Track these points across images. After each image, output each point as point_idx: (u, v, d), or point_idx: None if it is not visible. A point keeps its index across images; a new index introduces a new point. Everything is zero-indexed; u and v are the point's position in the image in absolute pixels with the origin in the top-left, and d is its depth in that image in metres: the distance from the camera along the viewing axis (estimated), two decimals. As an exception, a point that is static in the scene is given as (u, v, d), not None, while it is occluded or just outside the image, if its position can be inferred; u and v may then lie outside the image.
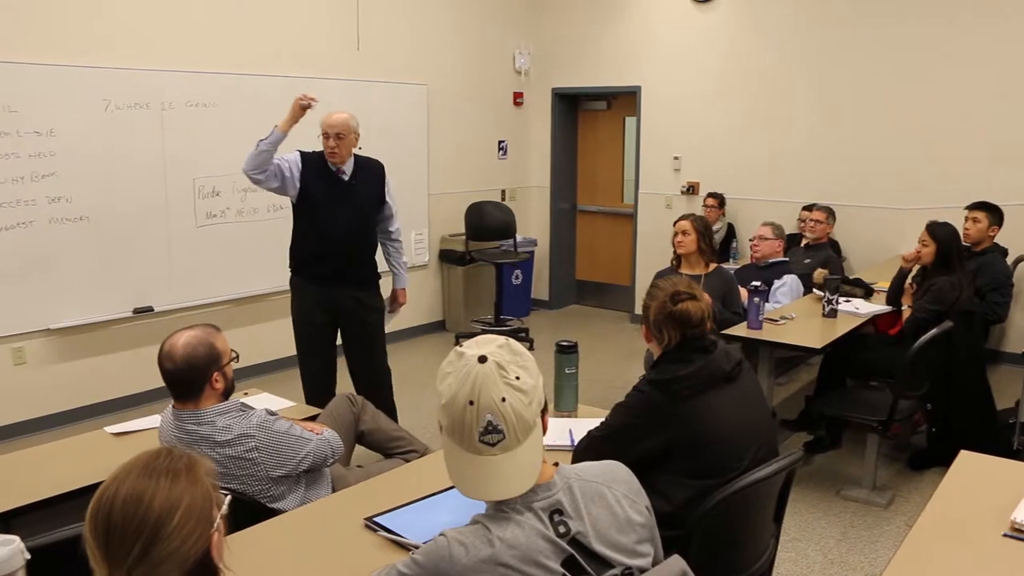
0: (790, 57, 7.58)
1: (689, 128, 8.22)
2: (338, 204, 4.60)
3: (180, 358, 2.65)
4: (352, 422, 3.51)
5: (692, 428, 2.39)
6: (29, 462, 3.11)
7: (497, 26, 8.56)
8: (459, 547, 1.61)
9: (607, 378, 6.50)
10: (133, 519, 1.33)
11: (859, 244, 7.38)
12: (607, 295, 9.36)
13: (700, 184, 8.20)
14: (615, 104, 9.04)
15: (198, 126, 6.06)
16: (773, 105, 7.72)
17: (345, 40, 7.08)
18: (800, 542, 4.10)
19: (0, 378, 5.37)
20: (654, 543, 1.83)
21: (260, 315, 6.65)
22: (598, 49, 8.67)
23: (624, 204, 9.07)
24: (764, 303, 4.82)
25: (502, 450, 1.64)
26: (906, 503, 4.50)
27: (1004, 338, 6.83)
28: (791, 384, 6.51)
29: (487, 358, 1.66)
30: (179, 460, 1.43)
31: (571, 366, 3.17)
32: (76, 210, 5.53)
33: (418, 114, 7.73)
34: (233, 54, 6.27)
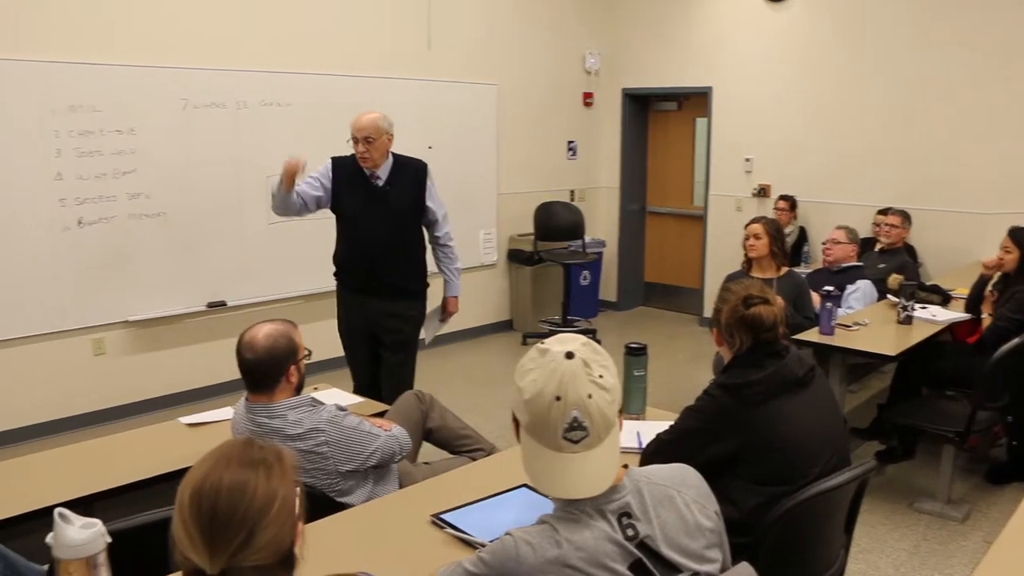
0: (865, 57, 7.43)
1: (761, 129, 8.11)
2: (370, 212, 4.41)
3: (262, 348, 2.70)
4: (420, 419, 3.53)
5: (762, 434, 2.35)
6: (108, 450, 3.19)
7: (568, 26, 8.55)
8: (526, 547, 1.61)
9: (675, 381, 6.44)
10: (238, 508, 1.36)
11: (936, 249, 7.20)
12: (675, 297, 9.28)
13: (772, 186, 8.09)
14: (686, 105, 8.96)
15: (271, 125, 6.17)
16: (847, 106, 7.57)
17: (416, 40, 7.14)
18: (871, 554, 4.02)
19: (81, 368, 5.53)
20: (722, 549, 1.80)
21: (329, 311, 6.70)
22: (669, 49, 8.60)
23: (694, 206, 8.98)
24: (836, 308, 4.74)
25: (584, 448, 1.63)
26: (984, 519, 4.37)
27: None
28: (863, 392, 6.38)
29: (574, 355, 1.66)
30: (269, 452, 1.47)
31: (640, 368, 3.15)
32: (154, 206, 5.68)
33: (488, 114, 7.76)
34: (306, 54, 6.37)
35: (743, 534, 2.21)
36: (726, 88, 8.27)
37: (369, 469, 2.85)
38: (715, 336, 2.66)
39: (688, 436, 2.47)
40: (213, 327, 6.08)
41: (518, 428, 1.73)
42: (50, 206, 5.26)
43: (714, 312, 2.66)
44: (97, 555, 1.71)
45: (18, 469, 3.01)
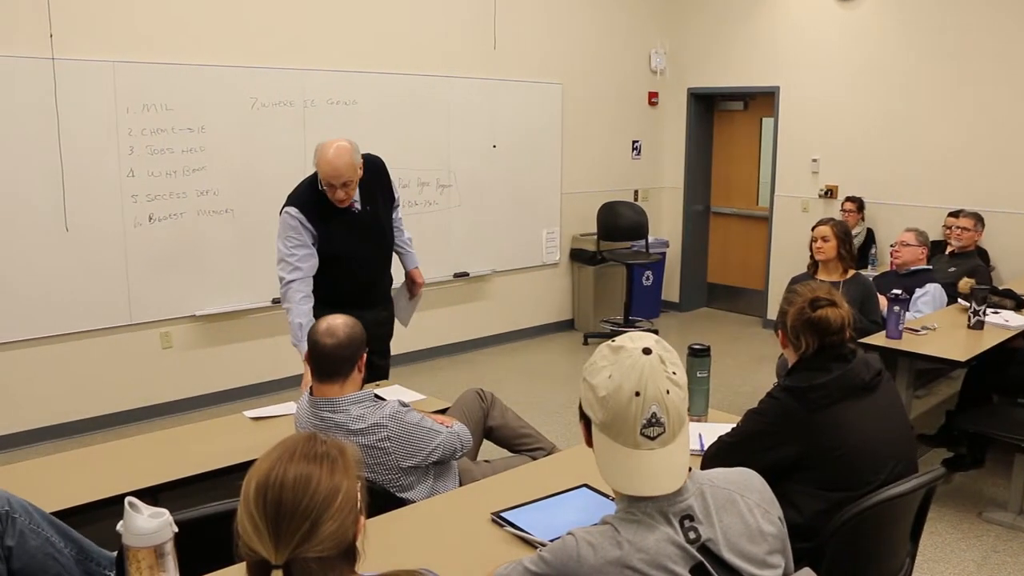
0: (935, 56, 7.26)
1: (828, 129, 7.98)
2: (359, 242, 3.99)
3: (344, 334, 2.78)
4: (481, 417, 3.55)
5: (827, 438, 2.32)
6: (174, 441, 3.26)
7: (633, 25, 8.51)
8: (587, 547, 1.61)
9: (737, 383, 6.38)
10: (303, 500, 1.38)
11: (1010, 253, 7.02)
12: (738, 299, 9.18)
13: (839, 187, 7.96)
14: (752, 105, 8.86)
15: (338, 123, 6.23)
16: (917, 106, 7.41)
17: (482, 39, 7.17)
18: (937, 563, 3.93)
19: (149, 360, 5.66)
20: (785, 555, 1.78)
21: (392, 308, 6.79)
22: (735, 48, 8.52)
23: (759, 207, 8.88)
24: (904, 312, 4.65)
25: (660, 444, 1.63)
26: (1056, 530, 4.26)
27: None
28: (930, 397, 6.24)
29: (651, 350, 1.66)
30: (332, 447, 1.49)
31: (703, 370, 3.13)
32: (222, 203, 5.79)
33: (552, 113, 7.76)
34: (372, 53, 6.44)
35: (806, 539, 2.19)
36: (793, 88, 8.16)
37: (430, 465, 2.88)
38: (781, 338, 2.62)
39: (751, 439, 2.44)
40: (277, 322, 6.16)
41: (588, 427, 1.73)
42: (122, 202, 5.40)
43: (779, 314, 2.63)
44: (164, 544, 1.75)
45: (90, 458, 3.09)
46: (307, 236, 3.85)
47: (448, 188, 6.96)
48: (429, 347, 7.08)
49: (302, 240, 3.84)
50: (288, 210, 3.87)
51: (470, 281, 7.36)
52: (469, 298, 7.43)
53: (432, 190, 6.88)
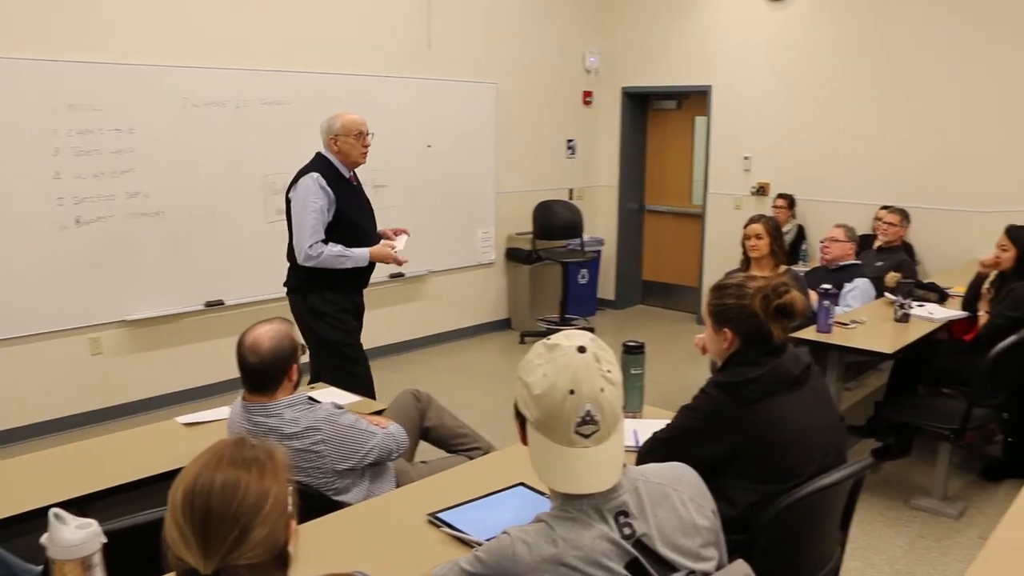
0: (863, 56, 7.43)
1: (760, 128, 8.11)
2: (365, 211, 4.56)
3: (266, 351, 2.70)
4: (417, 417, 3.54)
5: (759, 432, 2.35)
6: (104, 449, 3.19)
7: (567, 25, 8.55)
8: (523, 546, 1.62)
9: (672, 380, 6.45)
10: (231, 506, 1.36)
11: (934, 247, 7.21)
12: (673, 296, 9.29)
13: (770, 184, 8.10)
14: (685, 104, 8.97)
15: (270, 124, 6.17)
16: (846, 105, 7.58)
17: (416, 39, 7.14)
18: (867, 550, 4.03)
19: (78, 367, 5.53)
20: (719, 547, 1.81)
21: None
22: (668, 48, 8.61)
23: (692, 204, 8.99)
24: (834, 306, 4.75)
25: (595, 442, 1.64)
26: (979, 515, 4.38)
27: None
28: (860, 389, 6.39)
29: (586, 349, 1.67)
30: (261, 451, 1.48)
31: (637, 367, 3.16)
32: (153, 205, 5.68)
33: (487, 113, 7.77)
34: (306, 53, 6.38)
35: (739, 532, 2.22)
36: (725, 87, 8.28)
37: (366, 468, 2.86)
38: (728, 336, 2.50)
39: (685, 435, 2.46)
40: (211, 326, 6.09)
41: (523, 425, 1.73)
42: (48, 205, 5.26)
43: (722, 310, 2.52)
44: (92, 556, 1.71)
45: (14, 469, 3.01)
46: (326, 200, 4.29)
47: (383, 189, 6.91)
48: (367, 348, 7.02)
49: (322, 203, 4.28)
50: (311, 175, 4.31)
51: (406, 282, 7.33)
52: (405, 299, 7.40)
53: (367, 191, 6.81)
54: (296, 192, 4.37)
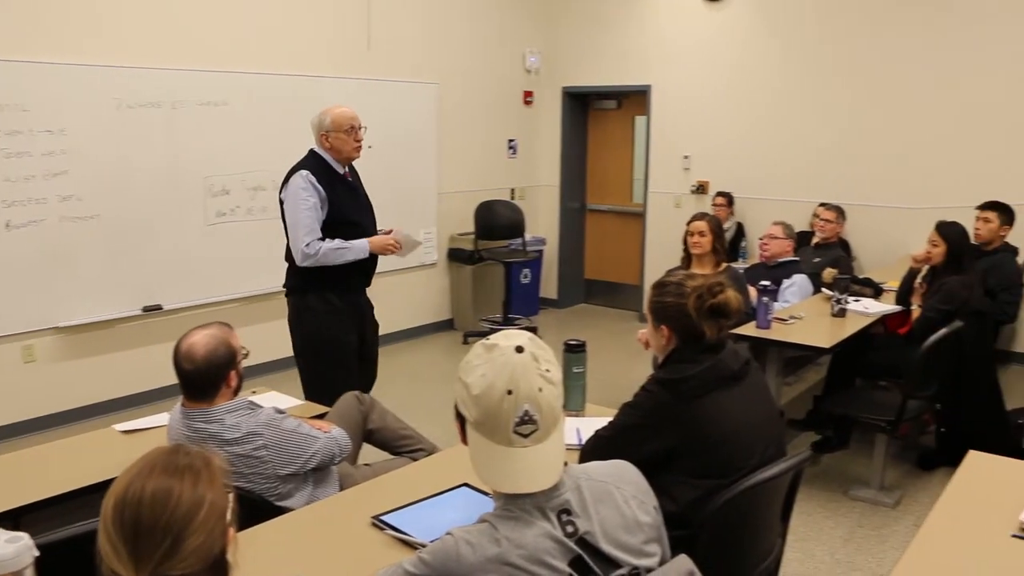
0: (801, 56, 7.57)
1: (699, 127, 8.21)
2: (360, 208, 4.40)
3: (201, 358, 2.65)
4: (360, 420, 3.51)
5: (700, 428, 2.38)
6: (38, 460, 3.12)
7: (508, 25, 8.56)
8: (466, 546, 1.62)
9: (614, 377, 6.48)
10: (162, 516, 1.34)
11: (869, 244, 7.37)
12: (616, 294, 9.36)
13: (710, 183, 8.19)
14: (625, 103, 9.04)
15: (208, 125, 6.08)
16: (784, 104, 7.70)
17: (356, 39, 7.10)
18: (807, 542, 4.10)
19: (10, 376, 5.39)
20: (661, 543, 1.83)
21: (268, 313, 6.65)
22: (608, 48, 8.67)
23: (633, 203, 9.06)
24: (773, 302, 4.82)
25: (534, 442, 1.65)
26: (914, 503, 4.49)
27: (1014, 338, 6.81)
28: (799, 384, 6.49)
29: (524, 349, 1.67)
30: (197, 457, 1.45)
31: (579, 365, 3.17)
32: (87, 208, 5.55)
33: (428, 113, 7.74)
34: (243, 53, 6.30)
35: (682, 527, 2.24)
36: (665, 87, 8.36)
37: (309, 472, 2.83)
38: (666, 333, 2.53)
39: (627, 432, 2.48)
40: (149, 331, 5.98)
41: (463, 426, 1.73)
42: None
43: (661, 308, 2.55)
44: (24, 570, 1.67)
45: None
46: (317, 197, 4.16)
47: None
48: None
49: (314, 201, 4.15)
50: (300, 173, 4.18)
51: (349, 283, 7.27)
52: (348, 300, 7.34)
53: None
54: (287, 192, 4.26)
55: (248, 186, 6.34)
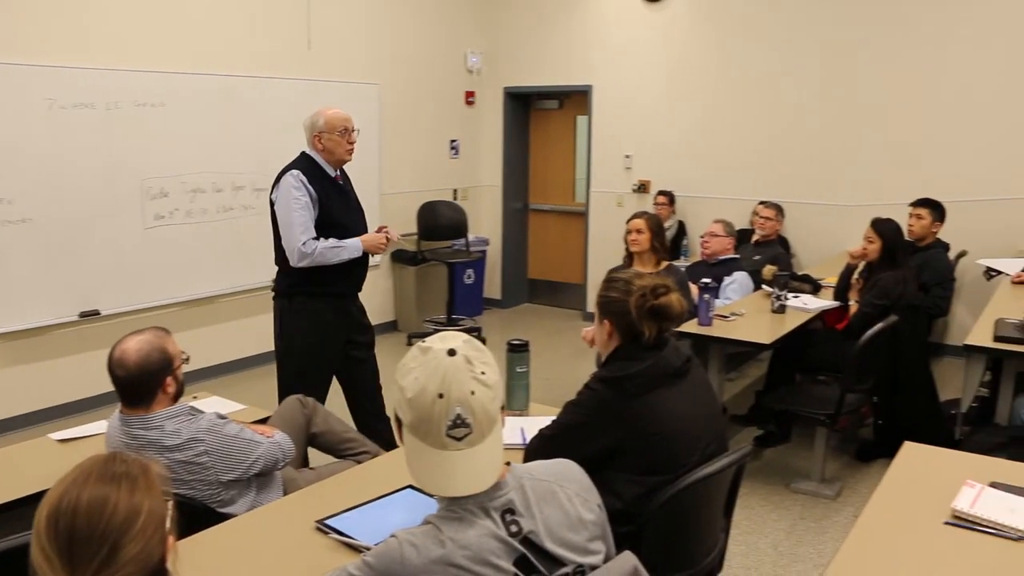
0: (739, 57, 7.67)
1: (640, 127, 8.28)
2: (350, 211, 4.37)
3: (133, 364, 2.60)
4: (303, 424, 3.48)
5: (642, 425, 2.39)
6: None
7: (449, 25, 8.55)
8: (410, 548, 1.61)
9: (559, 376, 6.51)
10: (98, 525, 1.31)
11: (807, 241, 7.49)
12: (559, 293, 9.40)
13: (651, 182, 8.27)
14: (567, 103, 9.08)
15: (145, 126, 5.97)
16: (723, 103, 7.80)
17: (296, 39, 7.03)
18: (751, 535, 4.15)
19: (-59, 385, 5.25)
20: (606, 540, 1.84)
21: (210, 317, 6.58)
22: (550, 48, 8.70)
23: (576, 203, 9.11)
24: (714, 300, 4.88)
25: (468, 445, 1.64)
26: (854, 494, 4.58)
27: (946, 331, 6.97)
28: (741, 380, 6.58)
29: (456, 352, 1.67)
30: (133, 465, 1.42)
31: (522, 365, 3.18)
32: (18, 212, 5.41)
33: (370, 114, 7.68)
34: (181, 53, 6.19)
35: (626, 523, 2.26)
36: (606, 87, 8.42)
37: (252, 478, 2.80)
38: (608, 328, 2.55)
39: (570, 430, 2.49)
40: (86, 337, 5.85)
41: (400, 428, 1.73)
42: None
43: (606, 303, 2.57)
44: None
45: None
46: (308, 197, 4.13)
47: (264, 191, 6.76)
48: (249, 355, 6.89)
49: (306, 200, 4.12)
50: (291, 172, 4.16)
51: (291, 286, 7.20)
52: (291, 303, 7.26)
53: (248, 194, 6.69)
54: (278, 192, 4.21)
55: (187, 188, 6.24)
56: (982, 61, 6.71)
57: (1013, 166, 6.69)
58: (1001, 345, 4.14)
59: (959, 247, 6.53)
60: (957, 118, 6.82)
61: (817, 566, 3.86)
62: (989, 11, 6.65)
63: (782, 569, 3.86)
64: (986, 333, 4.30)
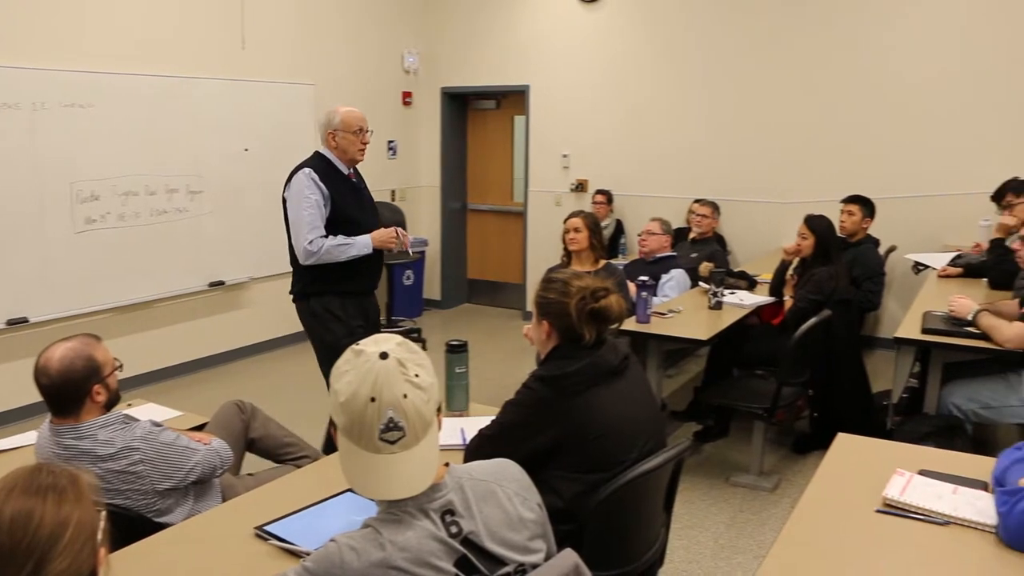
0: (674, 56, 7.76)
1: (577, 126, 8.32)
2: (364, 208, 4.41)
3: (56, 373, 2.54)
4: (241, 429, 3.44)
5: (581, 423, 2.41)
6: None
7: (386, 25, 8.51)
8: (350, 552, 1.60)
9: (499, 376, 6.52)
10: (23, 540, 1.28)
11: (743, 238, 7.60)
12: (499, 293, 9.41)
13: (589, 181, 8.32)
14: (504, 103, 9.09)
15: (74, 127, 5.83)
16: (659, 103, 7.88)
17: (230, 39, 6.93)
18: (691, 529, 4.20)
19: None
20: (546, 539, 1.85)
21: (145, 323, 6.45)
22: (486, 48, 8.71)
23: (514, 202, 9.13)
24: (652, 297, 4.92)
25: (402, 448, 1.64)
26: (791, 486, 4.66)
27: (878, 324, 7.14)
28: (680, 376, 6.65)
29: (388, 355, 1.66)
30: (61, 476, 1.39)
31: (461, 365, 3.18)
32: (-58, 218, 5.27)
33: (306, 115, 7.60)
34: (111, 51, 6.06)
35: (567, 522, 2.27)
36: (543, 86, 8.45)
37: (189, 486, 2.76)
38: (545, 328, 2.56)
39: (510, 430, 2.49)
40: (14, 345, 5.70)
41: (335, 432, 1.72)
42: None
43: (544, 304, 2.57)
44: None
45: None
46: (320, 195, 4.14)
47: (199, 194, 6.68)
48: (186, 361, 6.79)
49: (316, 198, 4.13)
50: (303, 171, 4.18)
51: (227, 290, 7.11)
52: (226, 307, 7.18)
53: (182, 196, 6.58)
54: (289, 190, 4.23)
55: (119, 191, 6.11)
56: (910, 63, 6.88)
57: (939, 164, 6.88)
58: (929, 337, 4.24)
59: (889, 242, 6.68)
60: (887, 118, 6.99)
61: (757, 557, 3.92)
62: (918, 14, 6.82)
63: (723, 561, 3.92)
64: (915, 326, 4.40)
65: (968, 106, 6.73)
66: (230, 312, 7.21)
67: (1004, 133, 6.65)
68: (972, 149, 6.76)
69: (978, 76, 6.67)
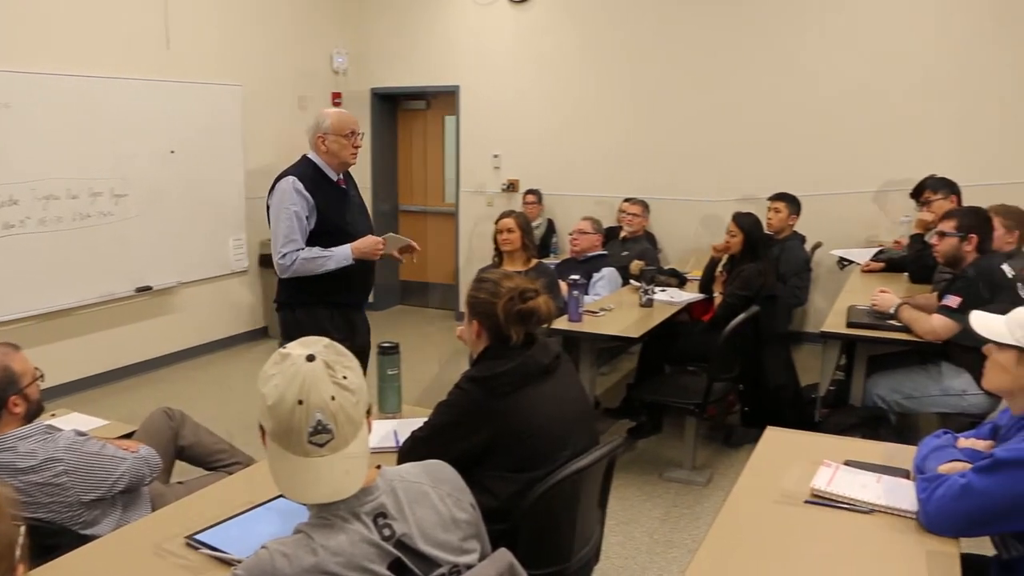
0: (604, 57, 7.82)
1: (508, 126, 8.34)
2: (352, 215, 4.16)
3: None
4: (171, 437, 3.38)
5: (513, 423, 2.42)
6: None
7: (314, 25, 8.43)
8: (282, 558, 1.59)
9: (431, 377, 6.51)
10: None
11: (673, 236, 7.70)
12: (431, 294, 9.39)
13: (520, 181, 8.34)
14: (434, 103, 9.07)
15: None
16: (588, 103, 7.94)
17: (154, 38, 6.78)
18: (626, 525, 4.24)
19: None
20: (480, 539, 1.85)
21: (67, 331, 6.29)
22: (416, 49, 8.68)
23: (446, 203, 9.11)
24: (583, 296, 4.95)
25: (331, 450, 1.63)
26: (724, 479, 4.73)
27: (805, 320, 7.28)
28: (613, 373, 6.71)
29: (315, 357, 1.65)
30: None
31: (393, 367, 3.16)
32: None
33: (233, 116, 7.49)
34: (29, 50, 5.88)
35: (501, 521, 2.27)
36: (473, 86, 8.45)
37: (117, 496, 2.70)
38: (475, 328, 2.57)
39: (442, 431, 2.49)
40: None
41: (264, 436, 1.70)
42: None
43: (475, 304, 2.59)
44: None
45: None
46: (303, 205, 3.94)
47: (124, 198, 6.53)
48: (113, 368, 6.63)
49: (297, 208, 3.92)
50: (287, 178, 3.98)
51: (155, 295, 6.97)
52: (154, 312, 7.03)
53: (106, 200, 6.42)
54: (272, 198, 4.03)
55: (39, 195, 5.94)
56: (832, 62, 7.04)
57: (861, 162, 7.05)
58: (854, 331, 4.34)
59: (814, 239, 6.82)
60: (810, 116, 7.14)
61: (691, 550, 3.97)
62: (839, 14, 6.97)
63: (658, 556, 3.96)
64: (840, 320, 4.50)
65: (890, 106, 6.91)
66: (158, 317, 7.07)
67: (923, 132, 6.84)
68: (893, 148, 6.94)
69: (899, 77, 6.85)
